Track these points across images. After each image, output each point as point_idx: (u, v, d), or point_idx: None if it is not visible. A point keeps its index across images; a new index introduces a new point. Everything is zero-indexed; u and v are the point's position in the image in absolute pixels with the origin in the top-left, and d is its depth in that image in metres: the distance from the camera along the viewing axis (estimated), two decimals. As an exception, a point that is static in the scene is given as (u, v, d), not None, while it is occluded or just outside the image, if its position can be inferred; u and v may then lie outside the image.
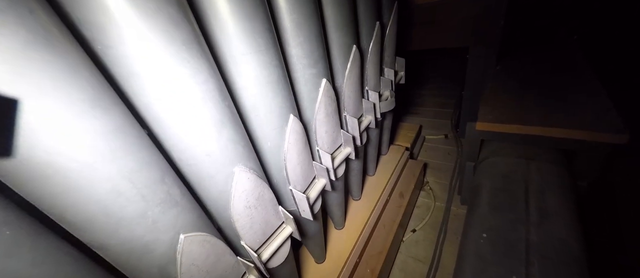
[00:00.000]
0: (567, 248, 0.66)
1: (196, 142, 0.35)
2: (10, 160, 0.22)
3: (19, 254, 0.23)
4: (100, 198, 0.26)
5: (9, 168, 0.22)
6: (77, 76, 0.24)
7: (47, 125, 0.22)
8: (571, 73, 1.15)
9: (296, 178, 0.58)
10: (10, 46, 0.20)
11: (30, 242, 0.24)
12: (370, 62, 0.83)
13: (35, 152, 0.22)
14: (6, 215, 0.23)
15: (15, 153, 0.21)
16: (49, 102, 0.22)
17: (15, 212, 0.24)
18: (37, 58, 0.21)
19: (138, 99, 0.31)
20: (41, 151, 0.22)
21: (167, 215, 0.33)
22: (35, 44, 0.21)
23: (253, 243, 0.50)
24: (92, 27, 0.27)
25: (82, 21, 0.27)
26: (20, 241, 0.24)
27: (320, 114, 0.62)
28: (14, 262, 0.23)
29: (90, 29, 0.27)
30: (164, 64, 0.29)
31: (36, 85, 0.21)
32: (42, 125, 0.22)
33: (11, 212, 0.24)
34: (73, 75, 0.23)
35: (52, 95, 0.22)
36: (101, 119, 0.25)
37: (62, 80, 0.22)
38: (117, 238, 0.29)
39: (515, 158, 0.94)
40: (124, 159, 0.27)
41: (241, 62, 0.41)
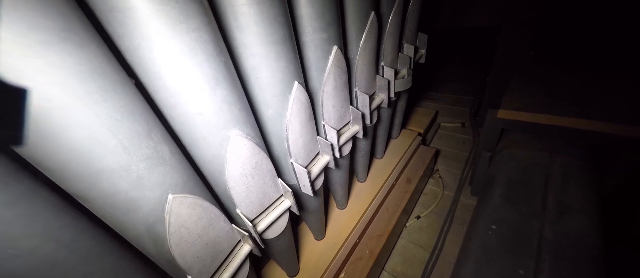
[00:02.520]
0: (585, 247, 0.61)
1: (186, 98, 0.32)
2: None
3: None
4: (75, 145, 0.24)
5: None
6: (45, 6, 0.20)
7: (5, 51, 0.19)
8: (616, 63, 1.03)
9: (298, 152, 0.55)
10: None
11: (1, 183, 0.22)
12: (390, 34, 0.75)
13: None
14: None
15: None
16: (8, 28, 0.19)
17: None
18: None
19: (122, 41, 0.28)
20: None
21: (154, 173, 0.31)
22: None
23: (249, 212, 0.49)
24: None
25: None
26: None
27: (328, 86, 0.57)
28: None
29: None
30: (146, 3, 0.26)
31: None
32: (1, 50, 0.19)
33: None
34: (41, 4, 0.20)
35: (13, 23, 0.19)
36: (74, 55, 0.22)
37: (27, 10, 0.19)
38: (98, 190, 0.27)
39: (538, 152, 0.87)
40: (102, 105, 0.25)
41: (241, 13, 0.36)
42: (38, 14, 0.20)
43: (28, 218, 0.24)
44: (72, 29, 0.22)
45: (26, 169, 0.24)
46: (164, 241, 0.35)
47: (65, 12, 0.22)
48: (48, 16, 0.21)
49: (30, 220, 0.24)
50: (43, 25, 0.20)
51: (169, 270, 0.38)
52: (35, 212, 0.25)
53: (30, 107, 0.21)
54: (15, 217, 0.23)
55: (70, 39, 0.22)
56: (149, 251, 0.35)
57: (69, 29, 0.22)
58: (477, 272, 0.63)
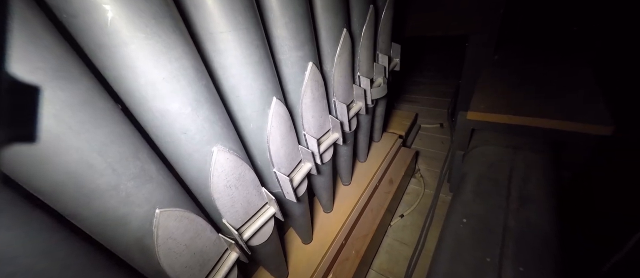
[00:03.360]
0: (542, 234, 0.68)
1: (171, 120, 0.36)
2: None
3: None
4: (69, 169, 0.27)
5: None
6: (37, 43, 0.23)
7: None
8: (566, 65, 1.14)
9: (280, 161, 0.59)
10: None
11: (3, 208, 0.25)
12: (363, 47, 0.81)
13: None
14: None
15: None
16: (7, 66, 0.22)
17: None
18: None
19: (108, 71, 0.31)
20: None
21: (142, 190, 0.34)
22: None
23: (235, 221, 0.52)
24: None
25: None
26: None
27: (306, 98, 0.62)
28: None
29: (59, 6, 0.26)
30: (132, 36, 0.29)
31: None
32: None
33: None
34: (35, 45, 0.23)
35: (8, 60, 0.22)
36: (66, 90, 0.25)
37: (20, 46, 0.22)
38: (90, 209, 0.30)
39: (503, 148, 0.95)
40: (92, 132, 0.28)
41: (220, 39, 0.40)
42: (36, 58, 0.23)
43: (25, 239, 0.26)
44: (65, 67, 0.25)
45: (22, 195, 0.26)
46: (152, 253, 0.37)
47: (58, 52, 0.25)
48: (44, 59, 0.24)
49: (26, 240, 0.26)
50: (40, 67, 0.23)
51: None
52: (31, 232, 0.27)
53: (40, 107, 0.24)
54: (14, 237, 0.25)
55: (63, 76, 0.25)
56: (138, 263, 0.37)
57: (62, 68, 0.25)
58: (451, 263, 0.69)
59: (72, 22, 0.27)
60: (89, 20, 0.27)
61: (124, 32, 0.28)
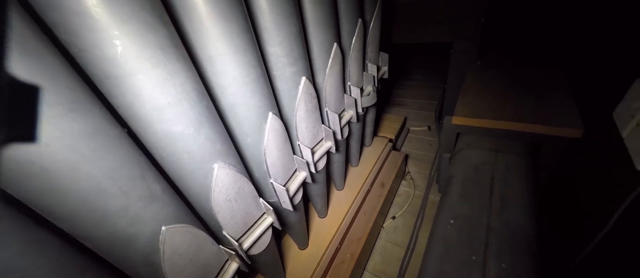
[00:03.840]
0: (522, 233, 0.73)
1: (175, 140, 0.38)
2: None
3: (8, 246, 0.25)
4: (83, 195, 0.29)
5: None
6: (54, 80, 0.25)
7: (28, 130, 0.24)
8: (544, 70, 1.22)
9: (276, 172, 0.62)
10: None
11: (18, 234, 0.26)
12: (353, 59, 0.85)
13: (19, 153, 0.24)
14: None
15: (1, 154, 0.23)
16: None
17: (2, 206, 0.26)
18: (23, 67, 0.22)
19: (116, 100, 0.33)
20: (25, 152, 0.24)
21: (149, 209, 0.35)
22: (23, 55, 0.22)
23: (234, 232, 0.54)
24: (67, 31, 0.28)
25: (57, 25, 0.28)
26: (8, 234, 0.26)
27: (300, 111, 0.65)
28: (3, 253, 0.25)
29: (65, 32, 0.28)
30: (140, 67, 0.31)
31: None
32: (23, 130, 0.24)
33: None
34: (50, 79, 0.25)
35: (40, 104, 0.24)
36: (80, 121, 0.27)
37: (43, 87, 0.24)
38: (101, 230, 0.31)
39: (486, 151, 1.01)
40: (104, 159, 0.29)
41: (219, 63, 0.42)
42: (53, 93, 0.25)
43: (38, 262, 0.28)
44: (78, 100, 0.27)
45: (39, 221, 0.28)
46: (158, 269, 0.39)
47: (73, 86, 0.27)
48: (60, 93, 0.25)
49: (40, 263, 0.28)
50: (56, 101, 0.25)
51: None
52: (43, 256, 0.28)
53: (43, 167, 0.26)
54: (29, 262, 0.27)
55: (77, 108, 0.27)
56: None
57: (75, 101, 0.27)
58: (440, 263, 0.73)
59: (82, 56, 0.29)
60: (99, 54, 0.29)
61: (133, 64, 0.30)
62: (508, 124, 0.95)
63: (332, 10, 0.67)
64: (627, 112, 0.59)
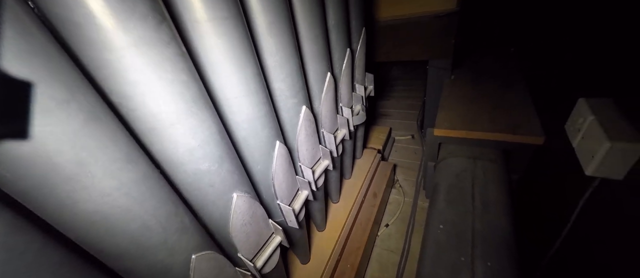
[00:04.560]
0: (502, 232, 0.83)
1: (202, 176, 0.42)
2: (66, 212, 0.27)
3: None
4: (133, 234, 0.33)
5: (66, 218, 0.28)
6: (115, 139, 0.30)
7: (97, 184, 0.28)
8: (509, 82, 1.38)
9: (282, 194, 0.67)
10: (73, 126, 0.26)
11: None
12: (343, 83, 0.93)
13: (87, 206, 0.28)
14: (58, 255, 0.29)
15: (73, 208, 0.27)
16: (98, 164, 0.28)
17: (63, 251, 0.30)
18: (91, 133, 0.27)
19: (155, 147, 0.37)
20: (93, 204, 0.28)
21: (181, 240, 0.40)
22: (89, 122, 0.27)
23: (248, 253, 0.58)
24: (120, 95, 0.33)
25: (112, 91, 0.32)
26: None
27: (301, 136, 0.71)
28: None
29: (118, 96, 0.33)
30: (177, 119, 0.36)
31: (91, 152, 0.27)
32: (94, 184, 0.28)
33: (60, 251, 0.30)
34: (113, 139, 0.30)
35: (101, 158, 0.28)
36: (133, 171, 0.32)
37: (106, 146, 0.29)
38: (144, 263, 0.35)
39: (466, 158, 1.12)
40: (149, 200, 0.34)
41: (235, 104, 0.48)
42: (115, 149, 0.29)
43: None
44: (132, 152, 0.32)
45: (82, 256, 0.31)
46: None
47: (126, 140, 0.31)
48: (121, 149, 0.30)
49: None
50: (117, 157, 0.30)
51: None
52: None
53: (104, 214, 0.30)
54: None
55: (132, 160, 0.31)
56: (174, 305, 0.42)
57: (130, 154, 0.31)
58: (433, 266, 0.80)
59: (130, 114, 0.34)
60: (145, 110, 0.34)
61: (172, 117, 0.36)
62: (482, 134, 1.07)
63: (325, 44, 0.75)
64: (575, 126, 0.71)
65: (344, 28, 0.85)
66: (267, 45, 0.54)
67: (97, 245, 0.31)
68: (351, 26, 0.95)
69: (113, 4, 0.28)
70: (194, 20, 0.39)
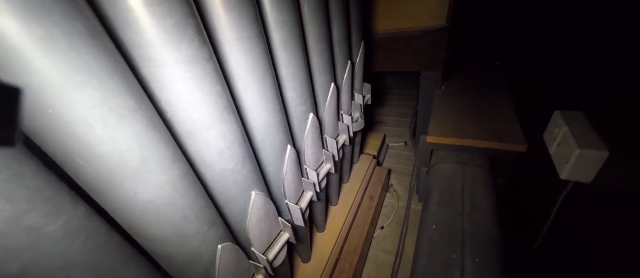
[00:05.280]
0: (489, 231, 0.90)
1: (228, 175, 0.48)
2: (128, 202, 0.33)
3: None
4: (175, 222, 0.38)
5: (127, 207, 0.33)
6: (165, 141, 0.35)
7: (153, 178, 0.33)
8: (494, 93, 1.48)
9: (291, 193, 0.72)
10: (139, 130, 0.31)
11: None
12: (344, 92, 1.00)
13: (145, 196, 0.33)
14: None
15: (134, 198, 0.32)
16: (155, 161, 0.33)
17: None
18: (150, 136, 0.33)
19: (191, 149, 0.43)
20: (148, 195, 0.34)
21: (211, 231, 0.45)
22: (149, 126, 0.32)
23: (260, 248, 0.63)
24: (167, 103, 0.38)
25: (162, 100, 0.38)
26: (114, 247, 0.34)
27: (308, 140, 0.77)
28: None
29: (166, 105, 0.38)
30: (211, 124, 0.42)
31: (151, 152, 0.33)
32: (151, 178, 0.33)
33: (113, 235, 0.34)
34: (164, 141, 0.35)
35: (157, 157, 0.34)
36: (178, 168, 0.37)
37: (160, 147, 0.34)
38: (181, 250, 0.40)
39: (456, 164, 1.20)
40: (189, 194, 0.39)
41: (255, 111, 0.54)
42: (169, 148, 0.35)
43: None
44: (177, 152, 0.37)
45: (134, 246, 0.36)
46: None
47: (173, 142, 0.37)
48: (171, 148, 0.35)
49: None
50: (169, 156, 0.35)
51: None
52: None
53: (156, 205, 0.35)
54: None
55: (177, 158, 0.37)
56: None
57: (176, 152, 0.37)
58: (427, 263, 0.87)
59: (173, 119, 0.39)
60: (186, 117, 0.39)
61: (206, 122, 0.41)
62: (471, 141, 1.15)
63: (330, 57, 0.82)
64: (551, 135, 0.80)
65: (345, 42, 0.92)
66: (281, 58, 0.61)
67: (146, 231, 0.36)
68: (352, 40, 1.03)
69: (169, 30, 0.34)
70: (225, 40, 0.45)
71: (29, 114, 0.25)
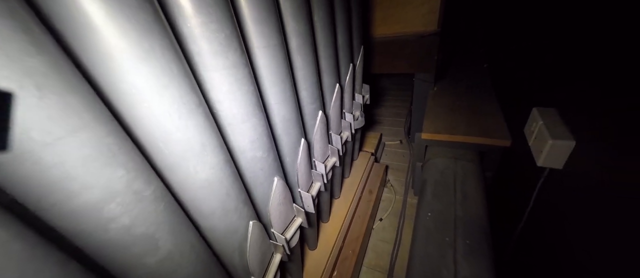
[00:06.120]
0: (479, 218, 1.01)
1: (256, 161, 0.56)
2: (190, 180, 0.41)
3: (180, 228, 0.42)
4: (221, 198, 0.46)
5: (189, 185, 0.41)
6: (214, 131, 0.43)
7: (208, 160, 0.42)
8: (482, 93, 1.61)
9: (303, 183, 0.81)
10: (201, 121, 0.39)
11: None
12: (346, 92, 1.10)
13: (201, 175, 0.41)
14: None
15: (195, 177, 0.40)
16: (210, 147, 0.42)
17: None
18: (207, 126, 0.41)
19: (229, 138, 0.51)
20: (205, 174, 0.42)
21: (245, 209, 0.53)
22: (206, 119, 0.41)
23: (278, 229, 0.71)
24: (216, 101, 0.46)
25: (212, 98, 0.46)
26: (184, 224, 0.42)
27: (317, 135, 0.86)
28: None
29: (216, 102, 0.46)
30: (247, 117, 0.50)
31: (207, 139, 0.41)
32: (207, 160, 0.41)
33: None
34: (214, 132, 0.43)
35: (211, 143, 0.42)
36: (222, 154, 0.45)
37: (212, 135, 0.42)
38: (224, 222, 0.48)
39: (448, 159, 1.31)
40: (230, 176, 0.47)
41: (276, 108, 0.63)
42: (215, 136, 0.43)
43: (180, 235, 0.44)
44: (221, 145, 0.45)
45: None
46: (244, 253, 0.55)
47: (216, 134, 0.45)
48: (218, 137, 0.44)
49: (181, 236, 0.44)
50: (216, 144, 0.43)
51: (240, 273, 0.58)
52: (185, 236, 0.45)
53: (211, 181, 0.43)
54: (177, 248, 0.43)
55: (212, 146, 0.45)
56: (234, 262, 0.55)
57: (216, 145, 0.45)
58: (424, 246, 0.96)
59: (219, 114, 0.47)
60: (228, 112, 0.48)
61: (242, 116, 0.50)
62: (462, 138, 1.26)
63: (335, 61, 0.91)
64: (530, 129, 0.91)
65: (348, 46, 1.02)
66: (297, 62, 0.70)
67: (200, 206, 0.44)
68: (353, 44, 1.12)
69: (221, 41, 0.42)
70: (255, 47, 0.54)
71: (128, 108, 0.33)
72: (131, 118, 0.33)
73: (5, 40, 0.20)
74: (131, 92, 0.32)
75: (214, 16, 0.39)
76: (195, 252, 0.42)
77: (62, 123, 0.24)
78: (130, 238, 0.32)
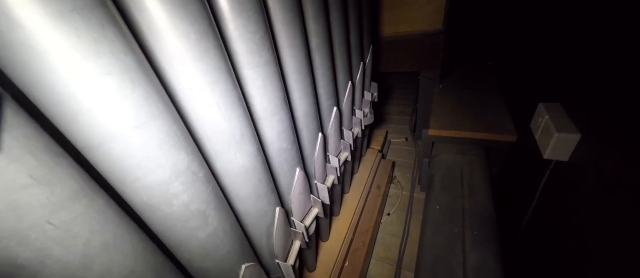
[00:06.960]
0: (485, 211, 1.05)
1: (282, 152, 0.61)
2: (232, 165, 0.45)
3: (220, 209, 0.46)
4: (255, 184, 0.51)
5: (231, 170, 0.45)
6: (249, 123, 0.48)
7: (245, 147, 0.46)
8: (487, 90, 1.64)
9: (319, 175, 0.85)
10: (241, 114, 0.44)
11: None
12: (357, 89, 1.14)
13: (240, 161, 0.46)
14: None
15: (235, 163, 0.45)
16: (247, 136, 0.46)
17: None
18: (245, 118, 0.45)
19: (260, 131, 0.55)
20: (243, 160, 0.46)
21: (272, 196, 0.57)
22: (244, 111, 0.45)
23: (298, 217, 0.76)
24: (250, 96, 0.51)
25: (247, 93, 0.51)
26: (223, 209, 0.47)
27: (331, 130, 0.90)
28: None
29: (250, 97, 0.51)
30: (276, 111, 0.55)
31: (245, 129, 0.45)
32: (244, 148, 0.46)
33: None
34: (249, 123, 0.48)
35: (248, 133, 0.46)
36: (255, 144, 0.50)
37: (248, 126, 0.47)
38: (256, 206, 0.53)
39: (455, 154, 1.35)
40: (262, 165, 0.52)
41: (299, 104, 0.67)
42: (248, 129, 0.48)
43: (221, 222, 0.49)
44: (254, 135, 0.50)
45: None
46: (271, 237, 0.60)
47: (252, 131, 0.50)
48: (252, 133, 0.48)
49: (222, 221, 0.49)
50: (249, 138, 0.48)
51: (266, 255, 0.63)
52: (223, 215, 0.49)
53: (243, 169, 0.48)
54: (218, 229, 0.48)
55: (245, 141, 0.50)
56: (261, 244, 0.60)
57: (248, 135, 0.50)
58: (433, 236, 1.01)
59: (252, 108, 0.52)
60: (260, 106, 0.53)
61: (274, 110, 0.54)
62: (468, 133, 1.30)
63: (348, 59, 0.96)
64: (536, 123, 0.95)
65: (359, 46, 1.06)
66: (316, 60, 0.74)
67: (237, 190, 0.48)
68: (364, 44, 1.17)
69: (258, 42, 0.47)
70: (281, 47, 0.58)
71: (186, 100, 0.37)
72: (187, 109, 0.38)
73: (110, 41, 0.25)
74: (189, 86, 0.36)
75: (252, 19, 0.44)
76: (234, 231, 0.47)
77: (146, 110, 0.29)
78: (188, 213, 0.37)
